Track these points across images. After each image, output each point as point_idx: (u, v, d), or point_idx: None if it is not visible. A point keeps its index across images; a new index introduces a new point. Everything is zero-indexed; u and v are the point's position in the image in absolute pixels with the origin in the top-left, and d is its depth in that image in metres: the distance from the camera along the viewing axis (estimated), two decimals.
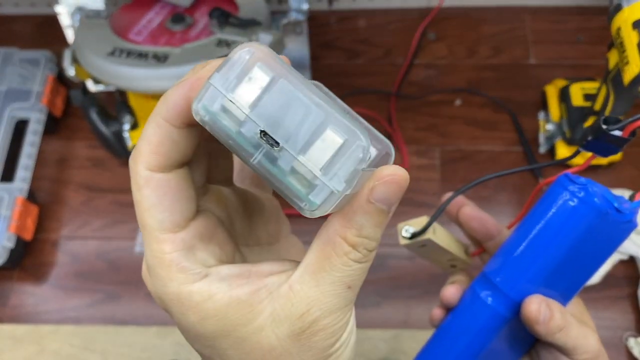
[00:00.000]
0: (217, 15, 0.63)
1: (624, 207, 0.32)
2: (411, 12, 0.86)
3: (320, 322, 0.21)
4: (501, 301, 0.34)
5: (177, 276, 0.21)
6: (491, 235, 0.37)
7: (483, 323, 0.34)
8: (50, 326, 0.65)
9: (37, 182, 0.74)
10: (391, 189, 0.20)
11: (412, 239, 0.36)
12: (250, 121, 0.19)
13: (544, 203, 0.33)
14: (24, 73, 0.77)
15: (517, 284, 0.33)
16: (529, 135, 0.75)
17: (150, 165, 0.20)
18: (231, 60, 0.19)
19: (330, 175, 0.19)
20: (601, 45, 0.80)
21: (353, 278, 0.21)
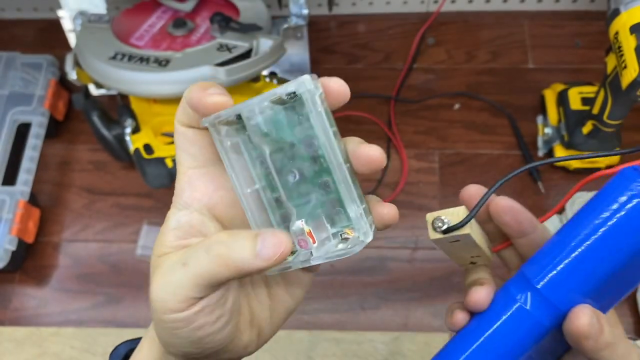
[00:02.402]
0: (218, 20, 0.63)
1: None
2: (410, 17, 0.87)
3: (152, 286, 0.27)
4: (543, 309, 0.29)
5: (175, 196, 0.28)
6: (524, 231, 0.32)
7: (519, 332, 0.30)
8: (52, 329, 0.65)
9: (39, 185, 0.74)
10: (272, 241, 0.25)
11: (447, 234, 0.30)
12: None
13: (603, 199, 0.28)
14: (26, 77, 0.77)
15: (564, 291, 0.29)
16: (528, 139, 0.75)
17: (180, 122, 0.27)
18: None
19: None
20: (599, 49, 0.80)
21: (194, 262, 0.25)
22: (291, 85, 0.25)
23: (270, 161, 0.27)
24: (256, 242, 0.25)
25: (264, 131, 0.26)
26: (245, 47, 0.61)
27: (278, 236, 0.25)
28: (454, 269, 0.68)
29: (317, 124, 0.25)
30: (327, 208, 0.27)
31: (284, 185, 0.27)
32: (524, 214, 0.32)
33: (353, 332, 0.63)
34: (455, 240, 0.30)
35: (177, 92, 0.60)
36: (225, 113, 0.26)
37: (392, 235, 0.69)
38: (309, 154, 0.26)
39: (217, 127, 0.26)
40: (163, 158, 0.62)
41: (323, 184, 0.26)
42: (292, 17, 0.71)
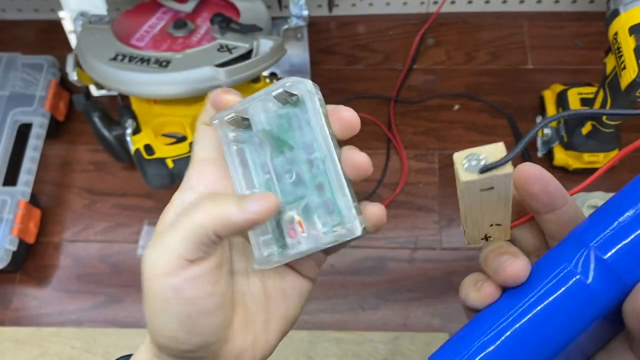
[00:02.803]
0: (219, 20, 0.63)
1: None
2: (410, 17, 0.87)
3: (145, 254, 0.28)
4: (609, 283, 0.24)
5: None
6: (555, 204, 0.26)
7: (574, 312, 0.25)
8: (52, 329, 0.65)
9: (40, 186, 0.74)
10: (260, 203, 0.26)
11: (484, 173, 0.24)
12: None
13: None
14: (27, 78, 0.78)
15: (636, 264, 0.24)
16: None
17: (202, 121, 0.29)
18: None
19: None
20: (598, 50, 0.80)
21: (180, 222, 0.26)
22: (291, 84, 0.26)
23: (271, 164, 0.28)
24: (244, 199, 0.26)
25: (267, 128, 0.27)
26: (246, 48, 0.61)
27: (265, 194, 0.26)
28: (454, 269, 0.68)
29: (315, 122, 0.26)
30: (321, 209, 0.27)
31: (282, 188, 0.28)
32: (554, 184, 0.26)
33: (353, 332, 0.64)
34: (489, 187, 0.25)
35: (177, 92, 0.60)
36: (231, 109, 0.27)
37: (392, 236, 0.69)
38: (307, 157, 0.27)
39: (225, 130, 0.28)
40: (163, 158, 0.62)
41: (318, 186, 0.27)
42: (292, 18, 0.72)
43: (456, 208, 0.34)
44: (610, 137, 0.67)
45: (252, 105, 0.27)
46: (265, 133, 0.27)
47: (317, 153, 0.27)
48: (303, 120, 0.26)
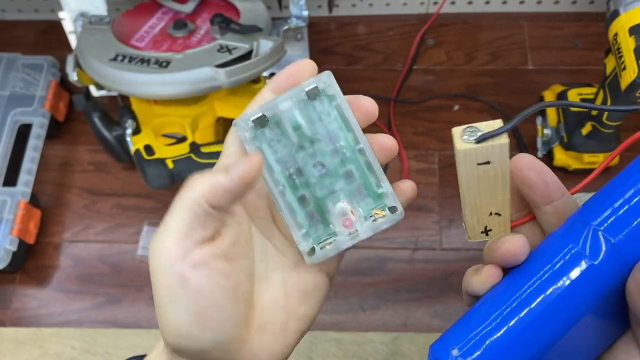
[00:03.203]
0: (219, 21, 0.63)
1: None
2: (410, 18, 0.87)
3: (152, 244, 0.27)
4: (617, 264, 0.24)
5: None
6: (552, 196, 0.26)
7: (583, 290, 0.24)
8: (52, 329, 0.65)
9: (40, 186, 0.74)
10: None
11: (480, 143, 0.25)
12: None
13: None
14: (27, 78, 0.78)
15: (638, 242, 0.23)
16: (527, 140, 0.76)
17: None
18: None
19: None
20: (598, 51, 0.80)
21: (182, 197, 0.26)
22: (321, 79, 0.27)
23: (295, 160, 0.28)
24: (230, 166, 0.25)
25: (300, 124, 0.28)
26: (246, 49, 0.61)
27: (250, 156, 0.26)
28: (453, 269, 0.68)
29: (345, 112, 0.27)
30: (354, 196, 0.28)
31: (309, 182, 0.28)
32: (551, 175, 0.27)
33: (353, 333, 0.64)
34: (486, 161, 0.25)
35: (177, 93, 0.60)
36: (258, 109, 0.27)
37: (392, 236, 0.69)
38: (330, 147, 0.28)
39: (245, 131, 0.27)
40: (164, 159, 0.62)
41: (346, 173, 0.28)
42: (292, 19, 0.72)
43: (456, 208, 0.34)
44: (611, 138, 0.67)
45: (284, 103, 0.27)
46: (295, 129, 0.28)
47: (343, 142, 0.28)
48: (323, 111, 0.27)
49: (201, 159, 0.62)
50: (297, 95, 0.27)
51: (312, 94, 0.27)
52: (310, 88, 0.27)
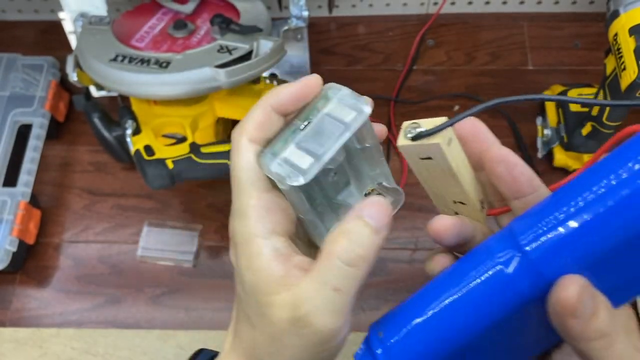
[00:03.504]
0: (219, 21, 0.63)
1: None
2: (410, 18, 0.87)
3: (309, 318, 0.24)
4: (528, 276, 0.24)
5: (253, 225, 0.27)
6: (521, 190, 0.27)
7: (493, 297, 0.25)
8: (52, 329, 0.65)
9: (40, 187, 0.74)
10: (375, 209, 0.25)
11: (416, 141, 0.26)
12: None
13: (618, 160, 0.23)
14: (27, 78, 0.78)
15: (557, 259, 0.23)
16: (527, 140, 0.76)
17: (251, 137, 0.27)
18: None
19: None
20: (598, 51, 0.80)
21: (340, 280, 0.24)
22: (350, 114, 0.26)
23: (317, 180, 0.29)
24: (364, 218, 0.25)
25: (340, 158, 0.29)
26: (246, 49, 0.61)
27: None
28: None
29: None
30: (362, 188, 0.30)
31: (322, 187, 0.29)
32: (521, 169, 0.26)
33: (353, 333, 0.63)
34: (427, 157, 0.26)
35: (177, 93, 0.60)
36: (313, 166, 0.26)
37: (392, 237, 0.69)
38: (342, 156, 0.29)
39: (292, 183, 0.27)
40: (164, 159, 0.62)
41: (353, 169, 0.29)
42: (292, 19, 0.72)
43: None
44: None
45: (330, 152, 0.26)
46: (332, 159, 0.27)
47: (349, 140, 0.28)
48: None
49: (201, 159, 0.62)
50: (339, 131, 0.26)
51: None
52: (350, 120, 0.26)
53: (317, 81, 0.27)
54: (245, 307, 0.28)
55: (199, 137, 0.66)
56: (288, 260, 0.26)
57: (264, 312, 0.26)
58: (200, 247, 0.70)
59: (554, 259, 0.23)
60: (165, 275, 0.69)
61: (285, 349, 0.26)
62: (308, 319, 0.24)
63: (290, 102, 0.27)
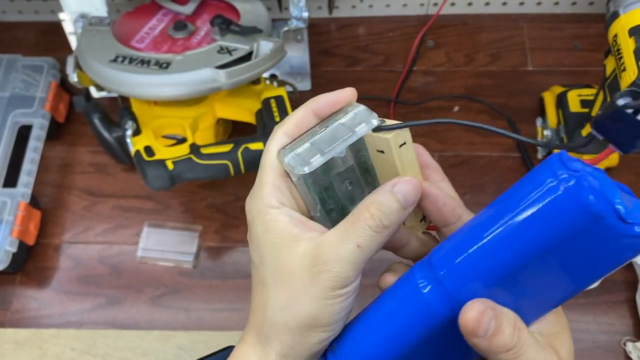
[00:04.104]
0: (219, 22, 0.63)
1: (636, 215, 0.23)
2: (410, 19, 0.87)
3: (328, 265, 0.28)
4: (440, 297, 0.27)
5: (267, 198, 0.30)
6: (446, 220, 0.31)
7: (412, 317, 0.28)
8: (52, 330, 0.65)
9: (40, 187, 0.74)
10: (407, 186, 0.28)
11: (375, 132, 0.30)
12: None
13: (521, 186, 0.26)
14: (27, 79, 0.78)
15: (465, 282, 0.26)
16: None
17: (287, 130, 0.30)
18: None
19: None
20: (598, 52, 0.80)
21: (364, 240, 0.28)
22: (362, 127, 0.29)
23: (328, 178, 0.31)
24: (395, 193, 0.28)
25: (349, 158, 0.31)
26: (246, 50, 0.61)
27: (411, 181, 0.29)
28: None
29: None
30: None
31: (336, 195, 0.32)
32: (443, 200, 0.30)
33: None
34: (381, 150, 0.30)
35: (177, 94, 0.60)
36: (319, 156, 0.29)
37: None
38: (356, 162, 0.31)
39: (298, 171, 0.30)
40: (164, 160, 0.62)
41: (368, 183, 0.32)
42: (292, 20, 0.72)
43: None
44: None
45: (340, 147, 0.29)
46: (344, 158, 0.31)
47: (364, 152, 0.31)
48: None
49: (201, 160, 0.62)
50: (350, 137, 0.29)
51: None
52: (362, 134, 0.29)
53: (352, 92, 0.31)
54: (261, 270, 0.30)
55: (199, 138, 0.67)
56: (304, 224, 0.30)
57: (283, 264, 0.29)
58: (200, 248, 0.70)
59: (463, 283, 0.26)
60: (165, 276, 0.69)
61: (301, 296, 0.28)
62: (328, 265, 0.28)
63: (327, 106, 0.31)
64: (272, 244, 0.29)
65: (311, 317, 0.28)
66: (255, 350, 0.30)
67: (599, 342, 0.63)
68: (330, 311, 0.28)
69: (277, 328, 0.29)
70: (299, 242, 0.29)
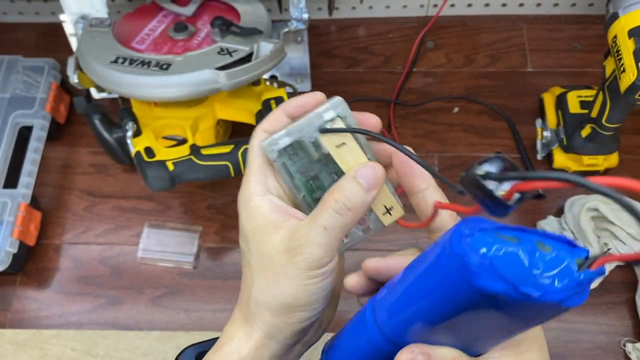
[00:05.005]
0: (219, 24, 0.63)
1: (545, 284, 0.21)
2: (410, 20, 0.87)
3: (301, 248, 0.30)
4: (382, 339, 0.29)
5: (252, 186, 0.32)
6: (416, 186, 0.32)
7: (360, 345, 0.31)
8: (52, 331, 0.66)
9: (41, 188, 0.75)
10: (368, 170, 0.30)
11: (321, 132, 0.32)
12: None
13: (435, 248, 0.25)
14: (28, 80, 0.78)
15: (399, 328, 0.27)
16: (527, 142, 0.76)
17: (264, 128, 0.33)
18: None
19: None
20: (597, 53, 0.81)
21: (329, 222, 0.30)
22: (330, 108, 0.32)
23: (312, 168, 0.33)
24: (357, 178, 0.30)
25: (313, 145, 0.32)
26: (246, 51, 0.61)
27: (376, 164, 0.31)
28: None
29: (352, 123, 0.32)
30: None
31: (324, 185, 0.33)
32: (417, 169, 0.32)
33: None
34: (342, 144, 0.32)
35: (178, 95, 0.60)
36: (285, 136, 0.32)
37: (393, 238, 0.70)
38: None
39: (273, 153, 0.32)
40: (164, 161, 0.62)
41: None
42: (292, 21, 0.72)
43: None
44: (610, 140, 0.67)
45: (308, 129, 0.32)
46: (316, 148, 0.32)
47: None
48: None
49: (202, 161, 0.62)
50: (318, 122, 0.31)
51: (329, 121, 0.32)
52: (329, 118, 0.31)
53: (320, 98, 0.33)
54: (247, 255, 0.33)
55: (199, 138, 0.67)
56: (284, 211, 0.32)
57: (264, 250, 0.31)
58: (201, 249, 0.70)
59: (398, 329, 0.28)
60: (165, 276, 0.69)
61: (280, 278, 0.31)
62: (301, 248, 0.30)
63: (295, 109, 0.33)
64: (254, 230, 0.32)
65: (291, 297, 0.31)
66: (243, 328, 0.33)
67: (598, 342, 0.63)
68: (308, 291, 0.31)
69: (261, 308, 0.32)
70: (278, 229, 0.31)
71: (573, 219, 0.67)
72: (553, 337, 0.64)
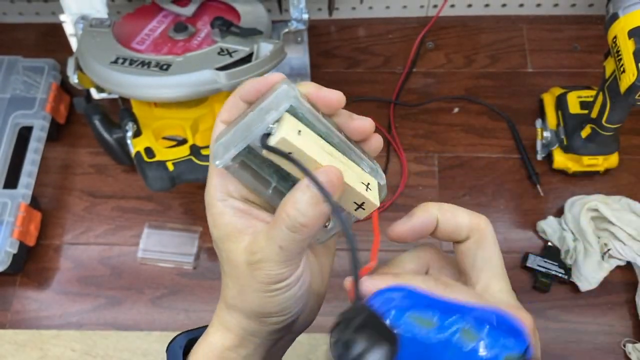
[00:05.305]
0: (219, 24, 0.63)
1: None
2: (410, 21, 0.87)
3: (261, 264, 0.29)
4: None
5: (212, 191, 0.31)
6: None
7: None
8: (52, 331, 0.66)
9: (41, 189, 0.75)
10: (322, 178, 0.27)
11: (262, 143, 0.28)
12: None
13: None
14: (28, 81, 0.78)
15: None
16: (527, 142, 0.76)
17: (222, 118, 0.31)
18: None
19: None
20: (597, 53, 0.81)
21: (284, 241, 0.28)
22: (272, 113, 0.27)
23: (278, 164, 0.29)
24: (310, 187, 0.27)
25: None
26: (246, 51, 0.61)
27: (329, 169, 0.28)
28: None
29: (309, 116, 0.28)
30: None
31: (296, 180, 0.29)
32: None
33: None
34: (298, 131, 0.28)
35: (178, 95, 0.60)
36: (236, 146, 0.28)
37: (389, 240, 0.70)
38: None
39: (227, 165, 0.29)
40: (164, 161, 0.62)
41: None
42: (292, 22, 0.72)
43: None
44: (610, 140, 0.67)
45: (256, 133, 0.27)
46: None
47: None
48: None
49: (202, 161, 0.62)
50: (261, 126, 0.27)
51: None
52: (272, 120, 0.27)
53: (277, 78, 0.30)
54: (220, 259, 0.32)
55: (199, 139, 0.67)
56: (247, 214, 0.30)
57: (230, 257, 0.30)
58: (200, 249, 0.70)
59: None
60: (165, 277, 0.69)
61: (246, 289, 0.30)
62: (260, 264, 0.29)
63: (251, 93, 0.30)
64: (221, 237, 0.31)
65: (259, 307, 0.30)
66: (225, 322, 0.33)
67: (598, 343, 0.63)
68: (273, 302, 0.30)
69: (235, 312, 0.32)
70: (243, 235, 0.30)
71: (573, 220, 0.67)
72: (553, 337, 0.64)
